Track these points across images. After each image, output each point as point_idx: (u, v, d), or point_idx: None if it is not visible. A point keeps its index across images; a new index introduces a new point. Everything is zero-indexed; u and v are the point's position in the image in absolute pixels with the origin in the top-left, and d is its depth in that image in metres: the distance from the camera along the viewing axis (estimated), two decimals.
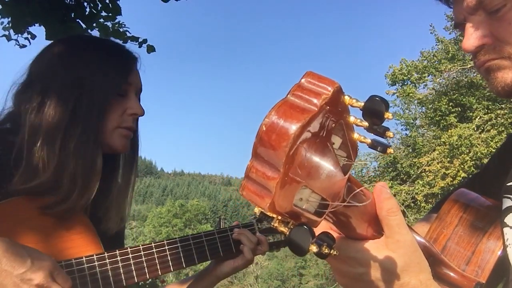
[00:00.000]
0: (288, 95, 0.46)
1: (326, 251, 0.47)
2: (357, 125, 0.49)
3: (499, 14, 0.75)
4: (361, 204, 0.54)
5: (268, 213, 0.45)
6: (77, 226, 1.18)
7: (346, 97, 0.48)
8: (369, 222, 0.61)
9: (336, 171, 0.46)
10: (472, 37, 0.79)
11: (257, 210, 0.45)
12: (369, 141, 0.49)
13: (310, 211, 0.48)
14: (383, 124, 0.48)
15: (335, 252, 0.47)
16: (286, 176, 0.43)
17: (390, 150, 0.50)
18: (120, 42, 1.47)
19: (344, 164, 0.50)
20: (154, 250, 1.24)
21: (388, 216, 0.61)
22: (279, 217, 0.46)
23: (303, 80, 0.47)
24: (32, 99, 1.17)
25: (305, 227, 0.45)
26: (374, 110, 0.47)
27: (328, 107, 0.46)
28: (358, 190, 0.53)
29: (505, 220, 0.83)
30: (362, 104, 0.48)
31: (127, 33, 4.96)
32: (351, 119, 0.49)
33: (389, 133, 0.49)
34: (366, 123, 0.49)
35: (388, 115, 0.47)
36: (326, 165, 0.46)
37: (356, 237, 0.63)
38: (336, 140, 0.50)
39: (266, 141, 0.43)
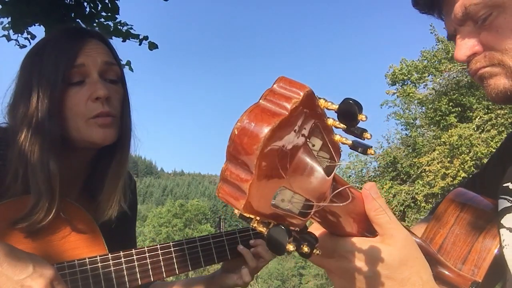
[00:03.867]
0: (260, 100, 0.47)
1: (306, 249, 0.48)
2: (336, 127, 0.51)
3: (486, 23, 0.78)
4: (344, 204, 0.55)
5: (245, 214, 0.46)
6: (80, 225, 1.15)
7: (321, 100, 0.49)
8: (358, 220, 0.62)
9: (318, 172, 0.47)
10: (462, 48, 0.82)
11: (236, 211, 0.46)
12: (350, 142, 0.51)
13: (294, 212, 0.48)
14: (361, 126, 0.50)
15: (317, 252, 0.49)
16: (261, 177, 0.44)
17: (370, 151, 0.51)
18: (119, 39, 1.35)
19: (328, 165, 0.50)
20: (160, 252, 1.21)
21: (377, 216, 0.62)
22: (258, 218, 0.47)
23: (275, 86, 0.48)
24: (9, 107, 1.16)
25: (282, 227, 0.46)
26: (348, 112, 0.49)
27: (305, 110, 0.47)
28: (341, 188, 0.54)
29: (501, 222, 0.83)
30: (337, 106, 0.49)
31: (131, 31, 4.93)
32: (330, 121, 0.50)
33: (367, 134, 0.50)
34: (343, 125, 0.50)
35: (361, 117, 0.49)
36: (307, 166, 0.47)
37: (346, 236, 0.63)
38: (317, 142, 0.51)
39: (238, 144, 0.44)
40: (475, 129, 14.94)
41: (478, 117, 15.22)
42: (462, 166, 14.30)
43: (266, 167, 0.44)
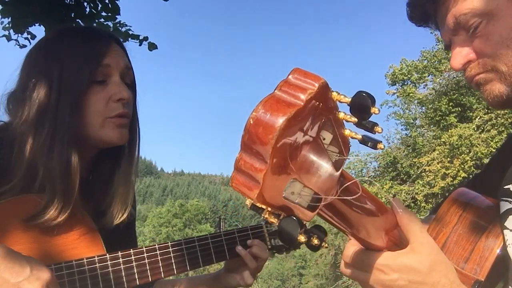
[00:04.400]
0: (275, 90, 0.47)
1: (316, 242, 0.49)
2: (346, 120, 0.51)
3: (477, 31, 0.80)
4: (353, 197, 0.55)
5: (258, 204, 0.46)
6: (78, 225, 1.15)
7: (334, 93, 0.50)
8: (386, 232, 0.66)
9: (327, 166, 0.48)
10: (458, 56, 0.84)
11: (248, 202, 0.46)
12: (359, 136, 0.51)
13: (303, 205, 0.49)
14: (371, 120, 0.50)
15: (326, 245, 0.50)
16: (275, 168, 0.44)
17: (380, 146, 0.52)
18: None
19: (337, 160, 0.51)
20: (158, 252, 1.20)
21: (410, 223, 0.68)
22: (269, 209, 0.47)
23: (290, 76, 0.48)
24: (12, 102, 1.15)
25: (294, 217, 0.47)
26: (361, 105, 0.49)
27: (317, 103, 0.47)
28: (348, 183, 0.54)
29: (505, 224, 0.83)
30: (349, 99, 0.50)
31: (129, 31, 4.94)
32: (341, 115, 0.51)
33: (378, 128, 0.51)
34: (355, 119, 0.50)
35: (374, 110, 0.49)
36: (317, 160, 0.47)
37: (376, 249, 0.69)
38: (327, 136, 0.51)
39: (253, 134, 0.44)
40: (475, 129, 14.95)
41: (478, 117, 15.23)
42: (462, 166, 14.31)
43: (280, 157, 0.44)
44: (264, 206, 0.46)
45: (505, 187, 0.88)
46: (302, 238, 0.47)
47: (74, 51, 1.14)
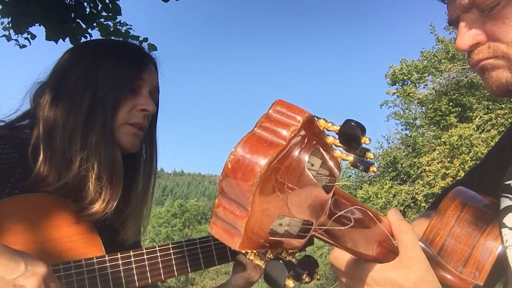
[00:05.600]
0: (255, 128, 0.43)
1: (307, 280, 0.48)
2: (336, 145, 0.47)
3: (493, 12, 0.74)
4: (345, 228, 0.51)
5: (241, 251, 0.43)
6: (78, 226, 1.15)
7: (321, 121, 0.46)
8: (379, 243, 0.63)
9: (317, 193, 0.45)
10: (465, 36, 0.77)
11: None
12: (351, 159, 0.48)
13: (292, 234, 0.46)
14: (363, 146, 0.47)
15: (318, 277, 0.48)
16: (258, 213, 0.40)
17: (373, 169, 0.48)
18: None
19: (327, 183, 0.47)
20: (158, 254, 1.20)
21: (403, 234, 0.66)
22: (255, 251, 0.44)
23: (271, 111, 0.44)
24: (45, 93, 1.18)
25: (281, 261, 0.44)
26: (350, 135, 0.46)
27: (304, 132, 0.43)
28: (343, 212, 0.51)
29: (503, 221, 0.81)
30: (338, 128, 0.46)
31: (130, 31, 4.93)
32: (330, 139, 0.47)
33: (369, 154, 0.47)
34: (345, 146, 0.47)
35: (365, 139, 0.46)
36: (305, 188, 0.44)
37: (368, 259, 0.66)
38: (316, 161, 0.47)
39: (232, 180, 0.40)
40: (475, 129, 14.93)
41: (478, 117, 15.22)
42: (462, 166, 14.28)
43: (263, 200, 0.40)
44: (249, 251, 0.43)
45: (506, 182, 0.85)
46: (290, 283, 0.44)
47: (122, 60, 1.23)
